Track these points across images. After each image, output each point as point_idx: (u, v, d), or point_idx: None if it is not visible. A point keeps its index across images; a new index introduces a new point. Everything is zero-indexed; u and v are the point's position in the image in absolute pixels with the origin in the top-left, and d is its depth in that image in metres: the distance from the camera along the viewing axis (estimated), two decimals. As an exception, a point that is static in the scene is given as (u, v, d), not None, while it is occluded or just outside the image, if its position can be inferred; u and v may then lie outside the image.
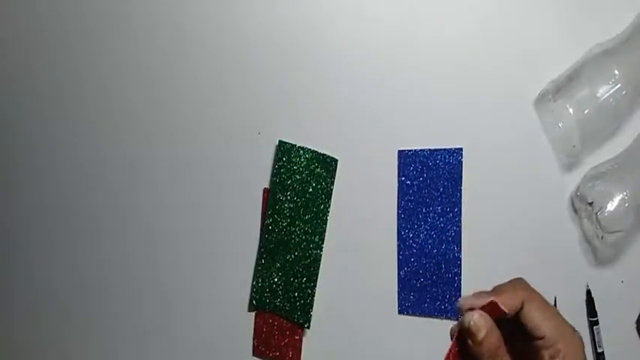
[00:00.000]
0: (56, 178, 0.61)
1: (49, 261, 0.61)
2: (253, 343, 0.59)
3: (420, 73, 0.58)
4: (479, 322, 0.33)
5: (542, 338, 0.34)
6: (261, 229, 0.59)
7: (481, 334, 0.33)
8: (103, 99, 0.61)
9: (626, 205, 0.52)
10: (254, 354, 0.59)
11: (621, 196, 0.52)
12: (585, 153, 0.56)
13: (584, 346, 0.35)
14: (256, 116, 0.59)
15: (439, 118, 0.58)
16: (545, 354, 0.34)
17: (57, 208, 0.61)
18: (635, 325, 0.57)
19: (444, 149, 0.57)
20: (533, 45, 0.57)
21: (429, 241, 0.57)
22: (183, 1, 0.60)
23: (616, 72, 0.52)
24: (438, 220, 0.57)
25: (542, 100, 0.56)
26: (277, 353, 0.58)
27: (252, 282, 0.58)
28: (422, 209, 0.58)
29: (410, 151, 0.58)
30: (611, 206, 0.52)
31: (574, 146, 0.54)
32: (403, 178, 0.58)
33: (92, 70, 0.61)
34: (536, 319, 0.35)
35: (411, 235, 0.58)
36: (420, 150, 0.58)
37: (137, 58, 0.60)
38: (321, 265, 0.58)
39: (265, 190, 0.59)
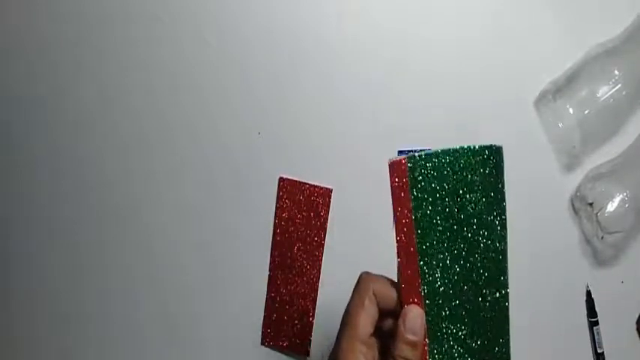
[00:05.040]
0: (56, 178, 0.61)
1: (49, 261, 0.61)
2: (262, 331, 0.59)
3: (420, 74, 0.58)
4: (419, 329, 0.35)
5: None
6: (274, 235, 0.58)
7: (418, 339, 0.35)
8: (103, 99, 0.61)
9: (627, 205, 0.52)
10: (262, 343, 0.59)
11: (621, 196, 0.52)
12: (585, 153, 0.56)
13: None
14: (256, 116, 0.59)
15: (439, 118, 0.58)
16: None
17: (57, 208, 0.61)
18: (635, 326, 0.57)
19: (444, 149, 0.57)
20: (534, 45, 0.57)
21: (429, 242, 0.57)
22: (183, 2, 0.60)
23: (616, 72, 0.52)
24: (438, 220, 0.57)
25: (542, 100, 0.56)
26: (286, 343, 0.58)
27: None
28: (422, 209, 0.57)
29: (410, 151, 0.58)
30: (611, 207, 0.52)
31: (574, 146, 0.54)
32: (403, 179, 0.58)
33: (92, 71, 0.61)
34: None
35: (411, 236, 0.58)
36: (420, 150, 0.57)
37: (137, 58, 0.60)
38: (322, 266, 0.58)
39: (281, 179, 0.59)
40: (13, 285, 0.61)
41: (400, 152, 0.58)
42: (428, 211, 0.36)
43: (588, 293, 0.56)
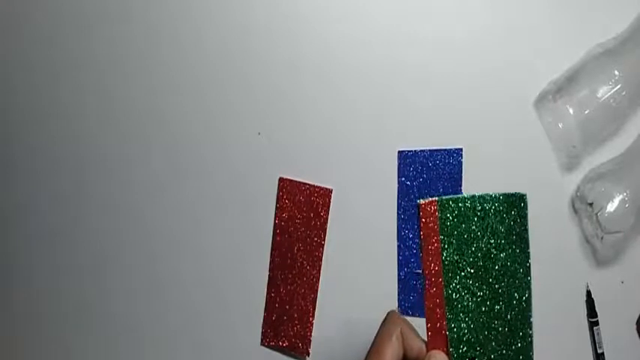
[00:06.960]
0: (56, 178, 0.61)
1: (49, 261, 0.61)
2: (262, 331, 0.59)
3: (420, 74, 0.58)
4: None
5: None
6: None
7: None
8: (103, 99, 0.61)
9: (627, 205, 0.52)
10: (262, 343, 0.59)
11: (621, 196, 0.52)
12: (585, 153, 0.56)
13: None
14: (256, 116, 0.59)
15: (439, 118, 0.58)
16: None
17: (57, 208, 0.61)
18: (635, 326, 0.57)
19: (444, 149, 0.57)
20: (534, 45, 0.57)
21: (429, 242, 0.57)
22: (183, 1, 0.60)
23: (616, 72, 0.52)
24: (438, 220, 0.57)
25: (542, 100, 0.56)
26: (286, 343, 0.58)
27: None
28: (422, 209, 0.58)
29: (410, 151, 0.58)
30: (611, 207, 0.52)
31: (574, 146, 0.54)
32: (403, 179, 0.58)
33: (92, 70, 0.61)
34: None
35: (410, 236, 0.58)
36: (420, 150, 0.58)
37: (137, 57, 0.60)
38: (322, 266, 0.58)
39: (281, 179, 0.59)
40: (13, 284, 0.61)
41: (400, 152, 0.58)
42: (454, 257, 0.36)
43: (588, 293, 0.56)
